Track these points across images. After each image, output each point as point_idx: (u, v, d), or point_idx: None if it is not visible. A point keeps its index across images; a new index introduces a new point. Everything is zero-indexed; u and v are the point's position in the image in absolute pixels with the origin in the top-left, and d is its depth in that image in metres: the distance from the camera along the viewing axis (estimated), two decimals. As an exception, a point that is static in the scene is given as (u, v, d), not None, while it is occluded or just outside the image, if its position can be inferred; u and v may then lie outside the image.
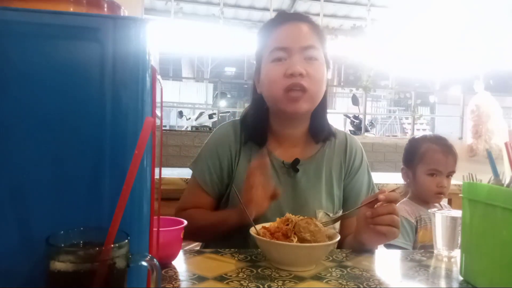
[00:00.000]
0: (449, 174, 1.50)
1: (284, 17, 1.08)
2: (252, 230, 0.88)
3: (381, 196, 0.90)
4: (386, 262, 0.95)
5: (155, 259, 0.50)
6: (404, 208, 1.49)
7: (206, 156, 1.14)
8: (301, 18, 1.08)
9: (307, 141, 1.14)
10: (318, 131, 1.12)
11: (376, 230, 0.90)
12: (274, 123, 1.12)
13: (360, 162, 1.17)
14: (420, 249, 1.33)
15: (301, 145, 1.14)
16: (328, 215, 1.09)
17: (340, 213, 1.13)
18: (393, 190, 0.93)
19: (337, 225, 1.12)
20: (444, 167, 1.48)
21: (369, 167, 1.21)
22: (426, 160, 1.49)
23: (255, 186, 0.95)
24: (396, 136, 8.99)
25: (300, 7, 7.81)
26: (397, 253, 1.05)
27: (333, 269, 0.84)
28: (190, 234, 0.96)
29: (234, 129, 1.15)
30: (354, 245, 1.01)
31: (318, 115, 1.11)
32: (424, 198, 1.51)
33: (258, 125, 1.12)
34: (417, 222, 1.46)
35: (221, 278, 0.77)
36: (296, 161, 1.10)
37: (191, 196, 1.15)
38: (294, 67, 0.99)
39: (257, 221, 0.95)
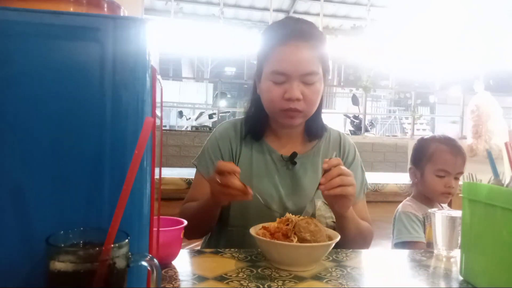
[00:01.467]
0: (458, 175, 1.50)
1: (289, 33, 1.07)
2: (252, 230, 0.88)
3: (324, 165, 0.95)
4: (386, 262, 0.95)
5: (155, 259, 0.50)
6: (410, 205, 1.48)
7: (208, 150, 1.19)
8: (305, 36, 1.07)
9: (304, 137, 1.20)
10: (313, 129, 1.19)
11: (331, 194, 0.94)
12: (272, 122, 1.18)
13: (353, 157, 1.22)
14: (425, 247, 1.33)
15: (298, 141, 1.20)
16: (326, 204, 1.11)
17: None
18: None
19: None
20: (453, 168, 1.48)
21: (365, 166, 1.25)
22: (434, 160, 1.48)
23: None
24: (396, 136, 9.00)
25: (300, 7, 7.82)
26: (397, 253, 1.05)
27: (333, 269, 0.84)
28: (187, 228, 0.97)
29: (235, 126, 1.21)
30: (338, 225, 1.05)
31: (313, 116, 1.15)
32: (431, 198, 1.50)
33: (257, 122, 1.18)
34: (424, 218, 1.46)
35: (221, 278, 0.77)
36: (294, 155, 1.15)
37: (196, 190, 1.18)
38: (292, 93, 1.04)
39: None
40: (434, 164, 1.48)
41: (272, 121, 1.17)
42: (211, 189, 0.98)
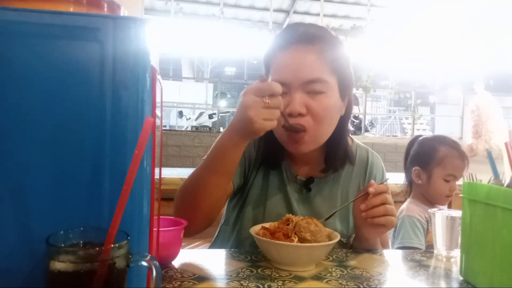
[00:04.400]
0: (460, 178, 1.50)
1: (291, 36, 0.94)
2: (252, 230, 0.88)
3: (371, 189, 0.89)
4: (386, 262, 0.95)
5: (155, 259, 0.50)
6: (415, 209, 1.48)
7: None
8: (309, 39, 0.93)
9: (323, 159, 1.05)
10: (331, 159, 1.03)
11: (373, 222, 0.90)
12: None
13: (380, 180, 1.10)
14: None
15: (316, 162, 1.06)
16: (342, 240, 1.03)
17: (353, 236, 1.07)
18: (381, 183, 0.93)
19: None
20: (461, 173, 1.48)
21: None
22: (445, 165, 1.47)
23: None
24: (396, 136, 8.99)
25: (300, 7, 7.81)
26: (397, 253, 1.05)
27: (333, 269, 0.84)
28: (186, 207, 0.90)
29: None
30: (358, 243, 1.00)
31: (334, 142, 1.00)
32: (433, 200, 1.50)
33: (273, 146, 1.02)
34: (427, 222, 1.46)
35: (221, 278, 0.77)
36: (310, 180, 1.04)
37: None
38: (292, 107, 0.90)
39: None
40: (445, 169, 1.47)
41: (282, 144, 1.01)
42: (250, 116, 0.77)
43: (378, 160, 1.13)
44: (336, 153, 1.02)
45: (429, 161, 1.51)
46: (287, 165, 1.07)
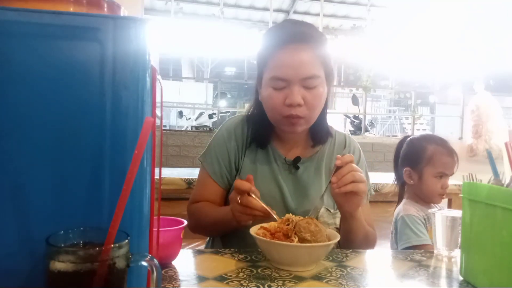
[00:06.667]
0: (451, 175, 1.51)
1: (287, 36, 1.04)
2: (252, 230, 0.88)
3: (337, 162, 0.95)
4: (386, 262, 0.95)
5: (155, 259, 0.50)
6: (411, 208, 1.48)
7: (215, 147, 1.17)
8: (304, 39, 1.04)
9: (308, 140, 1.18)
10: (317, 135, 1.17)
11: (344, 191, 0.93)
12: (276, 127, 1.16)
13: (357, 161, 1.20)
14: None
15: (302, 144, 1.18)
16: (329, 211, 1.12)
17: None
18: (345, 155, 0.98)
19: (338, 220, 1.14)
20: (451, 170, 1.49)
21: (368, 167, 1.24)
22: (434, 163, 1.49)
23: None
24: (396, 136, 9.00)
25: (300, 7, 7.82)
26: (397, 253, 1.05)
27: (333, 269, 0.84)
28: (198, 229, 1.05)
29: (242, 124, 1.19)
30: (344, 224, 1.05)
31: (318, 121, 1.13)
32: (427, 199, 1.51)
33: (261, 129, 1.15)
34: (425, 220, 1.46)
35: (221, 278, 0.77)
36: (298, 159, 1.14)
37: (202, 188, 1.17)
38: (292, 98, 1.02)
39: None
40: (434, 167, 1.48)
41: (276, 126, 1.15)
42: (231, 208, 0.96)
43: (355, 142, 1.26)
44: (320, 128, 1.16)
45: (419, 161, 1.52)
46: (274, 149, 1.17)
